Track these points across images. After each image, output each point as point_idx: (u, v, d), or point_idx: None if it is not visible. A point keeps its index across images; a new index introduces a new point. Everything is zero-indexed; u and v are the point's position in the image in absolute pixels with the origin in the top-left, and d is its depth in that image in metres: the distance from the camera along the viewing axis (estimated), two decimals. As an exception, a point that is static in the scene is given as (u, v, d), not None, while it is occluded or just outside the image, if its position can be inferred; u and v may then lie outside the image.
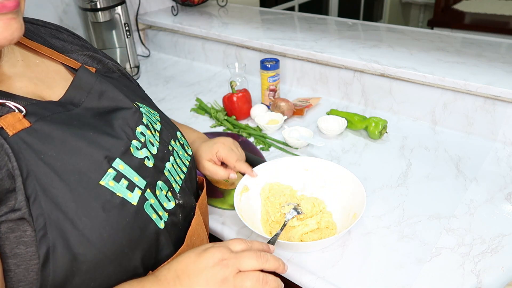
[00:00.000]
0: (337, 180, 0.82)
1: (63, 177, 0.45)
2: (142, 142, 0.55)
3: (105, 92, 0.56)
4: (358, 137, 1.08)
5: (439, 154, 0.99)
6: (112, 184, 0.48)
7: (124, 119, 0.55)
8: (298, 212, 0.77)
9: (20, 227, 0.43)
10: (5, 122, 0.44)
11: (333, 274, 0.69)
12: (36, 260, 0.44)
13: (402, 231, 0.77)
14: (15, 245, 0.43)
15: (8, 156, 0.42)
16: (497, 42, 1.25)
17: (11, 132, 0.43)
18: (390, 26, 1.49)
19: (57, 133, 0.46)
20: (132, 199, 0.50)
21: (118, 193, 0.48)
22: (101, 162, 0.48)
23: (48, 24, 0.64)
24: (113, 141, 0.51)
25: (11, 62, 0.52)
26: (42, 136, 0.45)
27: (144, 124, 0.58)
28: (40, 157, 0.44)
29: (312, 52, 1.25)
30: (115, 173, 0.49)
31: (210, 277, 0.48)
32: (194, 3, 1.79)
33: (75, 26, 1.51)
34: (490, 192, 0.86)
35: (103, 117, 0.54)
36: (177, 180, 0.61)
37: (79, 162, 0.47)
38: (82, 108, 0.53)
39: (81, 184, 0.46)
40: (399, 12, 4.20)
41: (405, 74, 1.09)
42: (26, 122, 0.45)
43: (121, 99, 0.57)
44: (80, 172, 0.46)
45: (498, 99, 0.98)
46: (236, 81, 1.24)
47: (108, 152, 0.49)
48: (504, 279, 0.66)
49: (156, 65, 1.67)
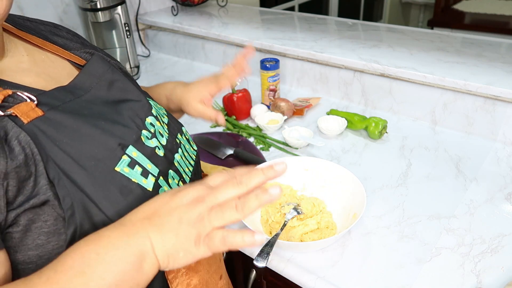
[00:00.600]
0: (337, 180, 0.82)
1: (80, 162, 0.45)
2: (152, 133, 0.56)
3: (115, 81, 0.57)
4: (358, 137, 1.08)
5: (439, 154, 0.99)
6: (127, 171, 0.49)
7: (134, 110, 0.56)
8: (298, 212, 0.77)
9: (41, 217, 0.42)
10: (19, 110, 0.43)
11: (333, 274, 0.69)
12: (59, 249, 0.44)
13: (402, 231, 0.77)
14: (36, 236, 0.43)
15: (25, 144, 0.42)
16: (497, 42, 1.25)
17: (25, 120, 0.43)
18: (390, 26, 1.49)
19: (69, 121, 0.47)
20: (147, 185, 0.50)
21: (133, 179, 0.49)
22: (115, 149, 0.49)
23: (46, 22, 0.64)
24: (124, 129, 0.52)
25: (16, 57, 0.52)
26: (56, 124, 0.45)
27: (154, 115, 0.59)
28: (56, 144, 0.44)
29: (312, 52, 1.25)
30: (129, 160, 0.49)
31: (184, 215, 0.42)
32: (194, 3, 1.79)
33: (75, 26, 1.51)
34: (490, 192, 0.86)
35: (113, 106, 0.54)
36: (187, 171, 0.61)
37: (93, 149, 0.47)
38: (91, 95, 0.53)
39: (98, 169, 0.46)
40: (399, 12, 4.20)
41: (405, 74, 1.09)
42: (39, 111, 0.45)
43: (131, 91, 0.58)
44: (95, 158, 0.46)
45: (498, 99, 0.98)
46: (236, 81, 1.24)
47: (121, 140, 0.50)
48: (504, 279, 0.67)
49: (156, 65, 1.67)
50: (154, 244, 0.41)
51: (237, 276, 0.93)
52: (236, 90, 1.19)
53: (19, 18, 0.59)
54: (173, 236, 0.41)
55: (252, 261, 0.67)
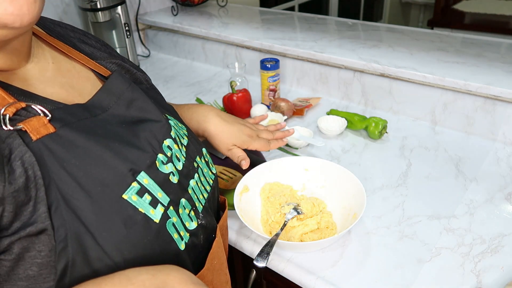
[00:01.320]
0: (337, 180, 0.82)
1: (85, 187, 0.42)
2: (168, 157, 0.53)
3: (135, 100, 0.54)
4: (358, 137, 1.08)
5: (439, 154, 0.99)
6: (135, 199, 0.46)
7: (152, 131, 0.52)
8: (298, 212, 0.78)
9: (36, 246, 0.40)
10: (30, 125, 0.41)
11: (333, 274, 0.69)
12: (49, 283, 0.41)
13: (402, 231, 0.77)
14: (28, 266, 0.40)
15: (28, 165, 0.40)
16: (497, 42, 1.25)
17: (34, 136, 0.41)
18: (390, 26, 1.49)
19: (81, 141, 0.44)
20: (155, 216, 0.47)
21: (140, 209, 0.46)
22: (125, 175, 0.46)
23: (76, 29, 0.62)
24: (139, 153, 0.49)
25: (41, 64, 0.50)
26: (66, 143, 0.43)
27: (172, 137, 0.55)
28: (63, 165, 0.42)
29: (312, 52, 1.25)
30: (139, 187, 0.47)
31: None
32: (194, 3, 1.79)
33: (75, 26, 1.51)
34: (490, 192, 0.86)
35: (130, 127, 0.51)
36: (201, 199, 0.58)
37: (102, 173, 0.44)
38: (108, 114, 0.50)
39: (103, 196, 0.43)
40: (399, 12, 4.20)
41: (405, 74, 1.09)
42: (51, 127, 0.43)
43: (151, 110, 0.55)
44: (103, 183, 0.44)
45: (498, 99, 0.98)
46: (236, 81, 1.24)
47: (133, 165, 0.47)
48: (504, 279, 0.67)
49: (156, 65, 1.67)
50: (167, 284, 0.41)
51: (237, 276, 0.93)
52: (236, 90, 1.19)
53: (50, 22, 0.57)
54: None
55: (252, 261, 0.67)
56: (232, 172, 0.95)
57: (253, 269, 0.82)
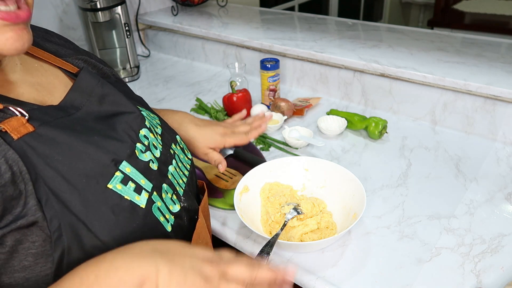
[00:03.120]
0: (337, 180, 0.82)
1: (71, 181, 0.44)
2: (146, 145, 0.55)
3: (106, 96, 0.55)
4: (358, 137, 1.08)
5: (439, 154, 0.99)
6: (119, 187, 0.48)
7: (127, 123, 0.54)
8: (298, 212, 0.78)
9: (29, 237, 0.41)
10: (9, 126, 0.42)
11: (333, 274, 0.69)
12: (46, 271, 0.43)
13: (402, 231, 0.77)
14: (23, 257, 0.41)
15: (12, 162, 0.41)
16: (497, 42, 1.25)
17: (15, 136, 0.42)
18: (390, 26, 1.49)
19: (62, 137, 0.45)
20: (140, 202, 0.49)
21: (126, 196, 0.48)
22: (108, 165, 0.48)
23: (37, 27, 0.62)
24: (118, 144, 0.51)
25: (9, 66, 0.51)
26: (47, 140, 0.44)
27: (147, 127, 0.57)
28: (47, 161, 0.43)
29: (312, 52, 1.25)
30: (122, 176, 0.48)
31: (197, 265, 0.42)
32: (194, 3, 1.79)
33: (75, 26, 1.51)
34: (490, 192, 0.86)
35: (105, 120, 0.53)
36: (180, 183, 0.60)
37: (86, 166, 0.46)
38: (83, 112, 0.52)
39: (89, 188, 0.45)
40: (399, 12, 4.20)
41: (405, 74, 1.09)
42: (30, 126, 0.44)
43: (123, 103, 0.56)
44: (87, 176, 0.45)
45: (498, 99, 0.98)
46: (236, 81, 1.24)
47: (114, 155, 0.49)
48: (504, 279, 0.67)
49: (156, 65, 1.67)
50: (159, 274, 0.40)
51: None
52: (236, 90, 1.19)
53: None
54: (181, 275, 0.40)
55: (252, 261, 0.67)
56: (232, 172, 0.95)
57: (253, 269, 0.82)
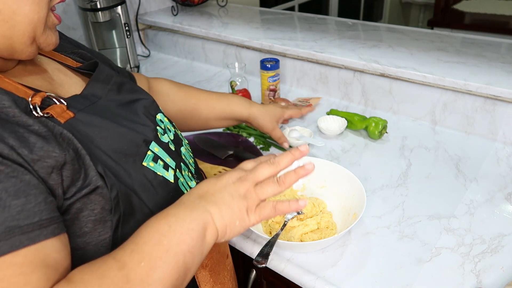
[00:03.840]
0: (337, 180, 0.82)
1: (114, 159, 0.48)
2: (163, 128, 0.60)
3: (123, 84, 0.60)
4: (358, 137, 1.08)
5: (439, 154, 0.99)
6: (152, 165, 0.52)
7: (146, 107, 0.59)
8: (298, 212, 0.77)
9: (89, 206, 0.45)
10: (55, 112, 0.46)
11: (333, 274, 0.69)
12: (104, 235, 0.47)
13: (402, 231, 0.77)
14: (83, 224, 0.45)
15: (69, 141, 0.44)
16: (497, 42, 1.25)
17: (62, 120, 0.46)
18: (390, 26, 1.49)
19: (97, 121, 0.49)
20: (169, 177, 0.55)
21: (158, 173, 0.53)
22: (141, 145, 0.52)
23: None
24: (144, 127, 0.55)
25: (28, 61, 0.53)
26: (86, 124, 0.48)
27: (161, 111, 0.63)
28: (92, 142, 0.47)
29: (312, 52, 1.25)
30: (153, 155, 0.53)
31: (234, 191, 0.49)
32: (194, 3, 1.79)
33: (75, 26, 1.51)
34: (490, 192, 0.86)
35: (127, 107, 0.57)
36: (191, 163, 0.65)
37: (123, 146, 0.50)
38: (104, 100, 0.55)
39: (128, 165, 0.49)
40: (399, 12, 4.20)
41: (405, 74, 1.09)
42: (70, 112, 0.48)
43: (138, 90, 0.61)
44: (126, 154, 0.50)
45: (498, 99, 0.98)
46: (236, 81, 1.24)
47: (144, 136, 0.54)
48: (504, 279, 0.67)
49: (156, 65, 1.67)
50: (213, 216, 0.47)
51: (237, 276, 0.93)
52: (236, 90, 1.19)
53: None
54: (228, 209, 0.48)
55: (252, 261, 0.67)
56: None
57: (253, 269, 0.82)
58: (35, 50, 0.48)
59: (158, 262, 0.42)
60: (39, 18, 0.46)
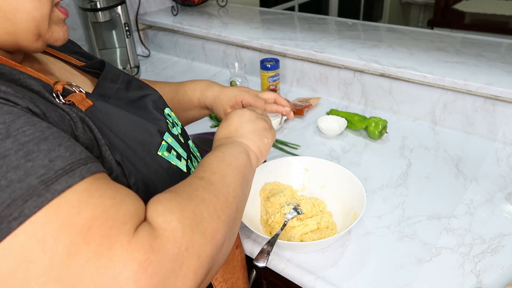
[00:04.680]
0: (337, 180, 0.82)
1: (132, 147, 0.49)
2: (171, 122, 0.61)
3: (131, 81, 0.60)
4: (358, 137, 1.08)
5: (439, 154, 0.99)
6: (166, 155, 0.54)
7: (154, 102, 0.60)
8: (298, 212, 0.77)
9: None
10: (75, 99, 0.46)
11: (333, 274, 0.69)
12: None
13: (402, 231, 0.77)
14: None
15: (90, 128, 0.45)
16: (497, 42, 1.25)
17: (83, 107, 0.46)
18: (390, 26, 1.49)
19: (115, 111, 0.50)
20: (182, 167, 0.56)
21: (173, 162, 0.54)
22: (156, 135, 0.53)
23: None
24: (156, 120, 0.57)
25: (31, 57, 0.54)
26: (105, 113, 0.49)
27: (168, 106, 0.64)
28: (111, 130, 0.48)
29: (312, 52, 1.25)
30: (167, 145, 0.55)
31: (258, 125, 0.59)
32: (194, 3, 1.79)
33: (75, 26, 1.51)
34: (490, 192, 0.86)
35: (136, 103, 0.58)
36: (198, 156, 0.67)
37: (139, 135, 0.51)
38: (113, 99, 0.56)
39: (144, 154, 0.50)
40: (399, 12, 4.20)
41: (405, 74, 1.09)
42: (90, 101, 0.48)
43: (145, 86, 0.62)
44: (142, 143, 0.51)
45: (498, 99, 0.98)
46: (236, 81, 1.24)
47: (159, 127, 0.55)
48: (504, 279, 0.67)
49: (156, 65, 1.67)
50: (247, 143, 0.56)
51: (237, 276, 0.93)
52: (236, 90, 1.19)
53: None
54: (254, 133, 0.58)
55: (252, 261, 0.67)
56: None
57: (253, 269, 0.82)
58: (41, 45, 0.48)
59: (227, 171, 0.49)
60: (42, 15, 0.45)
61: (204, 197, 0.43)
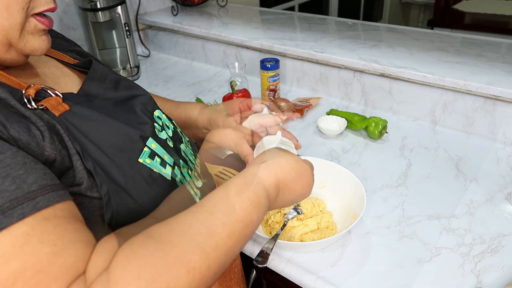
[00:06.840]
0: (337, 180, 0.82)
1: (108, 154, 0.47)
2: (160, 125, 0.59)
3: (120, 81, 0.59)
4: (358, 137, 1.08)
5: (439, 154, 0.99)
6: (148, 162, 0.52)
7: (143, 104, 0.59)
8: (298, 212, 0.77)
9: (78, 203, 0.44)
10: (50, 104, 0.45)
11: (333, 274, 0.69)
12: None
13: (402, 231, 0.77)
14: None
15: (60, 136, 0.44)
16: (497, 42, 1.25)
17: (56, 113, 0.45)
18: (390, 26, 1.49)
19: (94, 115, 0.48)
20: (166, 175, 0.54)
21: (155, 169, 0.52)
22: (137, 141, 0.51)
23: None
24: (141, 124, 0.55)
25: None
26: (82, 118, 0.47)
27: (159, 108, 0.62)
28: (86, 136, 0.46)
29: (312, 52, 1.25)
30: (150, 151, 0.53)
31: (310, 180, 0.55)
32: (194, 3, 1.79)
33: (75, 26, 1.51)
34: (490, 192, 0.86)
35: (124, 104, 0.56)
36: (192, 159, 0.64)
37: (118, 141, 0.49)
38: (101, 99, 0.55)
39: (123, 161, 0.49)
40: (399, 12, 4.20)
41: (405, 74, 1.09)
42: (66, 105, 0.47)
43: (135, 86, 0.61)
44: (121, 150, 0.49)
45: (498, 99, 0.98)
46: (236, 81, 1.24)
47: (142, 132, 0.53)
48: (504, 279, 0.66)
49: (156, 65, 1.67)
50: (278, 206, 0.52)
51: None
52: (236, 90, 1.19)
53: None
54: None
55: (252, 261, 0.67)
56: (232, 172, 0.94)
57: (253, 269, 0.82)
58: (16, 56, 0.47)
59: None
60: (10, 24, 0.44)
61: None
